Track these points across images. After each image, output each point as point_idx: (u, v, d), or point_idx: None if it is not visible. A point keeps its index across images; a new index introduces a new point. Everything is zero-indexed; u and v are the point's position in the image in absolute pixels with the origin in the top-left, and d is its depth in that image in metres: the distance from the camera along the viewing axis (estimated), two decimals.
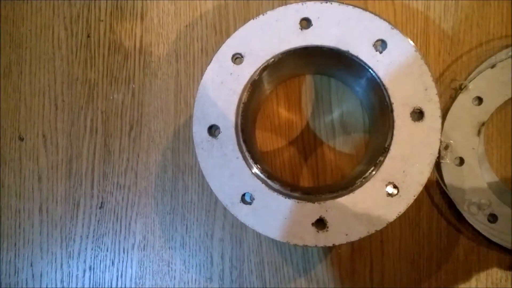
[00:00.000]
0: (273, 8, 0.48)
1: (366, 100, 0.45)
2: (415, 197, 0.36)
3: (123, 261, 0.49)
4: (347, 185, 0.38)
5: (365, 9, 0.38)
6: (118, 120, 0.49)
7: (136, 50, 0.49)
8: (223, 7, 0.49)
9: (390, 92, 0.37)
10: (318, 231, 0.36)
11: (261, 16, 0.38)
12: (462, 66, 0.47)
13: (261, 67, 0.38)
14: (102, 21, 0.49)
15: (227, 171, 0.38)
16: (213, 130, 0.38)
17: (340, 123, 0.47)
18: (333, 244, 0.37)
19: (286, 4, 0.48)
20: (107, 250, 0.49)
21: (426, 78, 0.37)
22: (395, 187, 0.36)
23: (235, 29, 0.48)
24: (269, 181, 0.38)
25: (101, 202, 0.49)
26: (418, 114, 0.37)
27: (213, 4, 0.49)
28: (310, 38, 0.38)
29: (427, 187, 0.47)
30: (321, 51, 0.38)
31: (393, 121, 0.37)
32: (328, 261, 0.47)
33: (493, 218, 0.45)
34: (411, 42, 0.37)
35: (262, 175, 0.38)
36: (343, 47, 0.38)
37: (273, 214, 0.37)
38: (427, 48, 0.47)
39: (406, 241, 0.47)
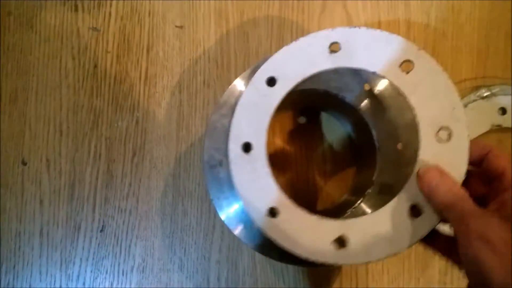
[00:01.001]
0: (271, 45, 0.53)
1: (354, 135, 0.50)
2: (437, 223, 0.35)
3: (122, 284, 0.50)
4: (335, 211, 0.42)
5: (392, 33, 0.38)
6: (121, 146, 0.51)
7: (141, 80, 0.52)
8: (224, 43, 0.52)
9: (417, 111, 0.37)
10: (338, 249, 0.37)
11: (293, 42, 0.40)
12: None
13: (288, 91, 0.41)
14: (109, 52, 0.52)
15: (257, 185, 0.39)
16: (246, 147, 0.39)
17: (330, 153, 0.52)
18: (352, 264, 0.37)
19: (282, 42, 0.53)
20: (107, 273, 0.51)
21: (454, 97, 0.36)
22: (417, 209, 0.36)
23: (236, 64, 0.52)
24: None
25: (102, 226, 0.51)
26: (446, 135, 0.36)
27: (216, 40, 0.52)
28: (339, 61, 0.39)
29: None
30: (316, 93, 0.43)
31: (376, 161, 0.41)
32: (318, 282, 0.51)
33: None
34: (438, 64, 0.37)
35: None
36: (370, 68, 0.38)
37: (296, 229, 0.38)
38: None
39: (388, 262, 0.51)
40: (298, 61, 0.39)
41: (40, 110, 0.51)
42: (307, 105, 0.52)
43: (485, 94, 0.52)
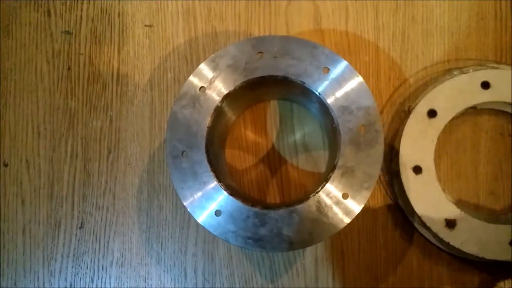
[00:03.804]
0: (238, 40, 0.53)
1: (323, 122, 0.50)
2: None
3: (102, 278, 0.52)
4: (302, 199, 0.42)
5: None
6: (97, 145, 0.53)
7: (113, 80, 0.53)
8: (193, 40, 0.53)
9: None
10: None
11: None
12: (409, 89, 0.52)
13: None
14: (82, 54, 0.53)
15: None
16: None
17: (301, 143, 0.52)
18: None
19: (250, 37, 0.53)
20: (87, 268, 0.52)
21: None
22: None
23: (205, 59, 0.53)
24: (232, 197, 0.42)
25: (81, 223, 0.52)
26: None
27: (184, 37, 0.53)
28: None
29: (382, 200, 0.51)
30: (275, 80, 0.43)
31: (339, 145, 0.41)
32: (294, 272, 0.51)
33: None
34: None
35: (225, 192, 0.42)
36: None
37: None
38: (379, 74, 0.52)
39: (365, 251, 0.50)
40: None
41: (18, 113, 0.53)
42: (277, 96, 0.52)
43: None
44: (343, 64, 0.42)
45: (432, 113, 0.48)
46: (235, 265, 0.51)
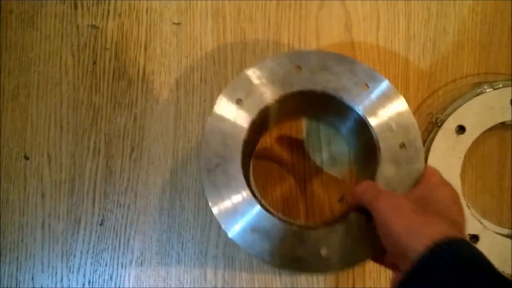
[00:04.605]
0: (268, 43, 0.52)
1: (351, 140, 0.49)
2: None
3: (121, 276, 0.52)
4: (334, 221, 0.41)
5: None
6: (120, 142, 0.52)
7: (139, 77, 0.52)
8: (221, 40, 0.53)
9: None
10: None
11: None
12: (438, 101, 0.52)
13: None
14: (108, 49, 0.53)
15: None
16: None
17: (328, 161, 0.51)
18: None
19: (279, 41, 0.53)
20: (106, 265, 0.52)
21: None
22: None
23: (232, 60, 0.53)
24: (268, 215, 0.41)
25: (102, 219, 0.52)
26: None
27: (213, 37, 0.53)
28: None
29: None
30: (313, 95, 0.42)
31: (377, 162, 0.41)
32: (314, 279, 0.51)
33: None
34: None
35: (261, 208, 0.41)
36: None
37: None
38: (407, 84, 0.52)
39: None
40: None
41: (41, 106, 0.52)
42: (306, 114, 0.51)
43: (487, 91, 0.50)
44: (382, 80, 0.42)
45: (460, 129, 0.48)
46: (255, 269, 0.51)
